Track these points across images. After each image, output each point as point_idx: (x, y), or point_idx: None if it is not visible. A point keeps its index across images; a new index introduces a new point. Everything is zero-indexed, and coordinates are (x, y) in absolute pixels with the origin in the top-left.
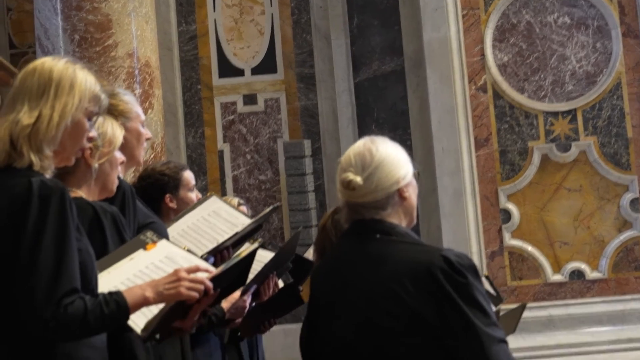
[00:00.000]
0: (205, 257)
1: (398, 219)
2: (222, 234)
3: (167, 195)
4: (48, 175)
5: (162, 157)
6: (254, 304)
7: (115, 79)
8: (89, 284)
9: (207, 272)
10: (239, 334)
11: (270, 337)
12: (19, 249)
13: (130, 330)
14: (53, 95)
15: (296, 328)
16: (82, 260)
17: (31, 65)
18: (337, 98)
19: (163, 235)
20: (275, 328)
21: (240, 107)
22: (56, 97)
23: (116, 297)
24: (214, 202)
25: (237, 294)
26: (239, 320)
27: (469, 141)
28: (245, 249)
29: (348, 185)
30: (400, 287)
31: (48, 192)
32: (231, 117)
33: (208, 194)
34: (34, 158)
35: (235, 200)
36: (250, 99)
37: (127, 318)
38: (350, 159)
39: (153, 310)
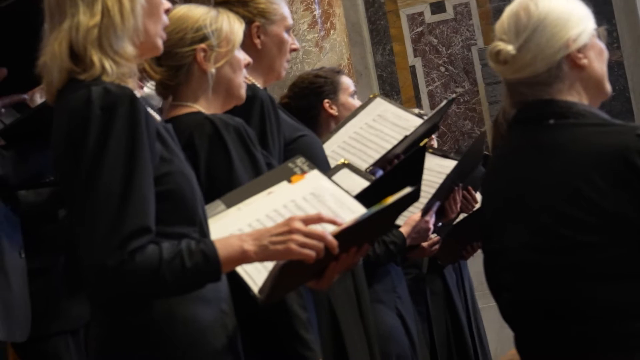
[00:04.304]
0: (371, 170)
1: (576, 96)
2: (391, 140)
3: (326, 101)
4: (130, 85)
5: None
6: (440, 224)
7: (291, 1)
8: (192, 218)
9: (333, 223)
10: (438, 261)
11: (479, 261)
12: (78, 175)
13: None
14: None
15: None
16: (176, 188)
17: None
18: None
19: (316, 150)
20: None
21: (429, 17)
22: None
23: (204, 247)
24: (379, 105)
25: (417, 215)
26: (427, 245)
27: None
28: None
29: (497, 57)
30: (587, 184)
31: (112, 100)
32: (420, 29)
33: (371, 96)
34: (107, 65)
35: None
36: (438, 7)
37: (218, 277)
38: (503, 24)
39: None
